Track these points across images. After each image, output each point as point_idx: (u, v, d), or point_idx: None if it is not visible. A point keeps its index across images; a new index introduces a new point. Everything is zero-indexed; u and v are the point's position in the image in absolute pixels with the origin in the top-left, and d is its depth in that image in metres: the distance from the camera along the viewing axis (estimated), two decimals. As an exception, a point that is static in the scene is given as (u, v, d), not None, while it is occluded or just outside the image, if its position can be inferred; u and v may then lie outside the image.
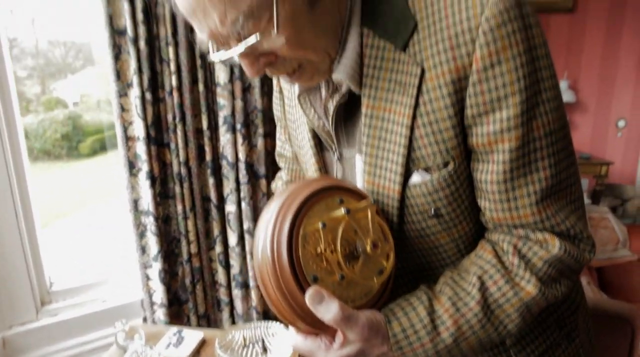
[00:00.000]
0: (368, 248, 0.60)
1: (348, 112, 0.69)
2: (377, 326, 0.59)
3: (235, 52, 0.57)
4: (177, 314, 1.83)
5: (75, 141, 2.24)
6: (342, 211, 0.59)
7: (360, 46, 0.63)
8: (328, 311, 0.56)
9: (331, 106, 0.68)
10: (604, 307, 1.09)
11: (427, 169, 0.62)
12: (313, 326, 0.58)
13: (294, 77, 0.64)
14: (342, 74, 0.63)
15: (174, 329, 1.26)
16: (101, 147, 2.24)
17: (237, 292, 1.87)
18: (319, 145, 0.77)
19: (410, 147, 0.61)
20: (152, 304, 1.78)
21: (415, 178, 0.63)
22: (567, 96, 3.51)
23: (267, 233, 0.59)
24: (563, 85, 3.54)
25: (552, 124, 0.58)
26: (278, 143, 0.98)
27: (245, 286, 1.87)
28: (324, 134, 0.73)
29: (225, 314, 1.88)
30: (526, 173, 0.59)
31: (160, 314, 1.76)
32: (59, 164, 2.20)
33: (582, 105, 3.78)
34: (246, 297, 1.88)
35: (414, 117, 0.60)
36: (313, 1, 0.57)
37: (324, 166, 0.78)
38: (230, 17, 0.54)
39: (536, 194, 0.59)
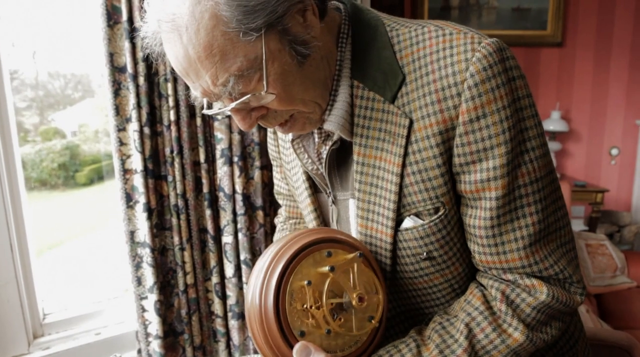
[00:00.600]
0: (354, 302, 0.62)
1: (341, 157, 0.70)
2: None
3: (227, 109, 0.60)
4: (172, 345, 1.81)
5: (72, 170, 2.25)
6: (326, 268, 0.61)
7: (350, 97, 0.65)
8: None
9: (324, 152, 0.70)
10: (603, 336, 1.10)
11: (418, 215, 0.64)
12: None
13: (286, 127, 0.67)
14: (333, 124, 0.65)
15: None
16: (98, 177, 2.25)
17: (233, 323, 1.86)
18: (314, 187, 0.78)
19: (400, 194, 0.63)
20: (147, 335, 1.77)
21: (407, 223, 0.65)
22: (560, 126, 3.56)
23: (257, 283, 0.62)
24: (555, 115, 3.60)
25: (538, 171, 0.60)
26: (275, 181, 1.00)
27: (241, 316, 1.86)
28: (318, 178, 0.75)
29: (221, 345, 1.87)
30: (513, 219, 0.61)
31: (156, 345, 1.75)
32: (56, 194, 2.20)
33: (575, 134, 3.84)
34: (242, 328, 1.87)
35: (403, 165, 0.62)
36: (302, 59, 0.59)
37: (319, 207, 0.79)
38: (221, 79, 0.56)
39: (524, 239, 0.61)
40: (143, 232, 1.70)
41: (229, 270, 1.83)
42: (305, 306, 0.60)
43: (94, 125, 2.26)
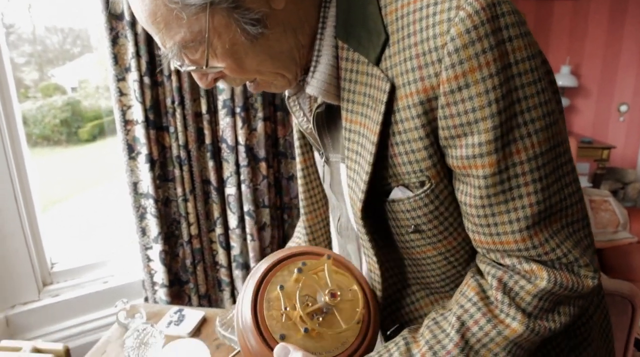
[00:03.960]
0: (326, 298, 0.63)
1: (332, 118, 0.68)
2: None
3: (182, 68, 0.61)
4: (178, 294, 1.86)
5: (75, 127, 2.25)
6: (295, 271, 0.65)
7: (335, 59, 0.62)
8: None
9: (312, 113, 0.69)
10: (605, 285, 1.10)
11: (407, 186, 0.60)
12: None
13: (252, 87, 0.66)
14: (314, 89, 0.62)
15: (175, 308, 1.28)
16: (100, 133, 2.25)
17: (237, 273, 1.89)
18: (308, 146, 0.78)
19: (382, 164, 0.60)
20: (153, 284, 1.80)
21: (395, 194, 0.61)
22: (569, 81, 3.50)
23: (239, 300, 0.66)
24: (565, 70, 3.53)
25: (538, 146, 0.53)
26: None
27: (246, 267, 1.89)
28: (311, 138, 0.74)
29: (226, 294, 1.91)
30: (507, 200, 0.55)
31: (162, 294, 1.79)
32: (59, 150, 2.21)
33: (584, 90, 3.77)
34: (246, 277, 1.90)
35: (387, 135, 0.58)
36: (254, 36, 0.57)
37: (309, 167, 0.79)
38: (168, 44, 0.57)
39: (519, 221, 0.55)
40: (146, 183, 1.70)
41: (233, 221, 1.84)
42: (282, 310, 0.63)
43: (94, 81, 2.24)
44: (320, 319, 0.63)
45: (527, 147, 0.53)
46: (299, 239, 0.95)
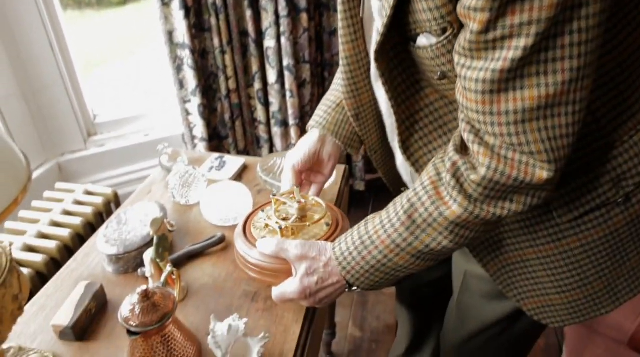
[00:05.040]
0: (294, 204, 0.81)
1: None
2: (311, 244, 0.72)
3: None
4: (217, 148, 1.87)
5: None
6: (271, 196, 0.84)
7: None
8: (268, 246, 0.73)
9: None
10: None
11: (430, 33, 0.58)
12: (277, 277, 0.75)
13: None
14: None
15: (216, 155, 1.27)
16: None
17: (276, 130, 1.87)
18: None
19: (398, 8, 0.59)
20: (192, 138, 1.81)
21: (421, 41, 0.61)
22: None
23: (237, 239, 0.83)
24: None
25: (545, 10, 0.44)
26: None
27: (284, 124, 1.86)
28: None
29: (264, 151, 1.91)
30: (488, 52, 0.50)
31: (201, 147, 1.80)
32: (89, 13, 2.13)
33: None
34: (285, 135, 1.88)
35: None
36: None
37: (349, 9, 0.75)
38: None
39: (485, 79, 0.51)
40: (181, 32, 1.62)
41: (272, 76, 1.77)
42: (264, 224, 0.81)
43: None
44: (293, 219, 0.80)
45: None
46: (336, 85, 0.92)
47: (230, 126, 1.82)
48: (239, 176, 1.20)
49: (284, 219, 0.79)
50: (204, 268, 0.90)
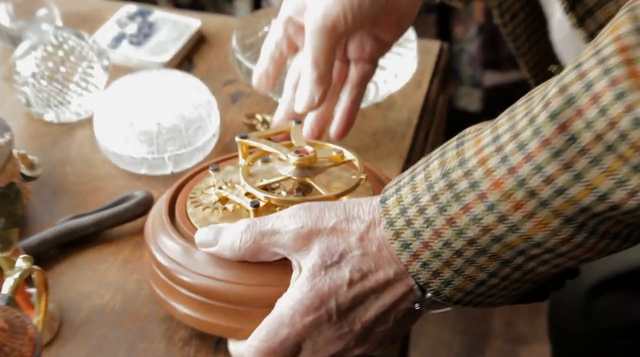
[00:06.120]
0: (292, 157, 0.45)
1: None
2: (323, 205, 0.37)
3: None
4: None
5: None
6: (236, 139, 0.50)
7: None
8: (228, 236, 0.37)
9: None
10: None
11: None
12: (246, 318, 0.38)
13: None
14: None
15: (133, 7, 0.71)
16: None
17: None
18: None
19: None
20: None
21: None
22: None
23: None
24: None
25: None
26: None
27: None
28: None
29: (243, 3, 1.33)
30: None
31: None
32: None
33: None
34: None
35: None
36: None
37: None
38: None
39: None
40: None
41: None
42: (215, 199, 0.45)
43: None
44: (286, 195, 0.44)
45: None
46: None
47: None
48: (185, 59, 0.68)
49: (267, 189, 0.44)
50: (100, 270, 0.48)
